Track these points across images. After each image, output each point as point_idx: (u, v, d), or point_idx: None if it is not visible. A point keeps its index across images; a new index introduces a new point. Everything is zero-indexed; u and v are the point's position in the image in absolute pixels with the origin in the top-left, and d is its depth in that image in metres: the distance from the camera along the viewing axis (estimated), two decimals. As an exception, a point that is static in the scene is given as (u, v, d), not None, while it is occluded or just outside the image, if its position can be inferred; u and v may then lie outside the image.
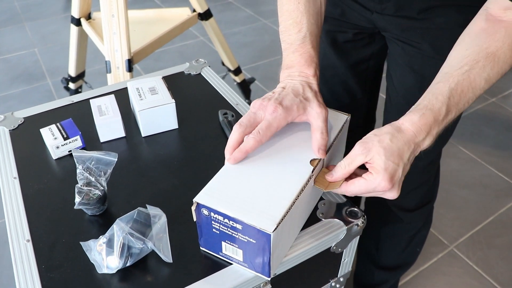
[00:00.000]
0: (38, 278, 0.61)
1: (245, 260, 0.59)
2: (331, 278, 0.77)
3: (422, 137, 0.58)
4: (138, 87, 0.86)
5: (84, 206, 0.67)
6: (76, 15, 1.58)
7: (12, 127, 0.87)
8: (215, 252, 0.62)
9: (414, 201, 1.01)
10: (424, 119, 0.58)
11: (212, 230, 0.58)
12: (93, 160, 0.69)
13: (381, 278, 1.18)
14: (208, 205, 0.55)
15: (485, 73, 0.59)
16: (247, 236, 0.55)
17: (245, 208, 0.55)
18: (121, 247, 0.60)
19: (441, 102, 0.59)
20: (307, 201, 0.63)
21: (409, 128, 0.58)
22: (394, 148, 0.57)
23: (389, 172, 0.56)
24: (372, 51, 0.95)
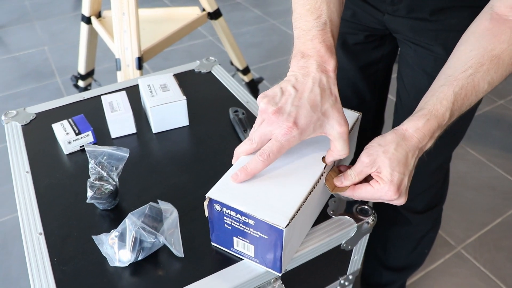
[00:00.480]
0: (51, 271, 0.62)
1: (257, 256, 0.59)
2: (340, 275, 0.77)
3: (426, 141, 0.59)
4: (150, 83, 0.86)
5: (96, 200, 0.68)
6: (87, 14, 1.60)
7: (24, 122, 0.88)
8: (226, 248, 0.62)
9: (422, 203, 1.01)
10: (429, 125, 0.58)
11: (224, 226, 0.59)
12: (105, 155, 0.69)
13: (389, 278, 1.18)
14: (221, 200, 0.56)
15: (489, 76, 0.59)
16: (259, 232, 0.55)
17: (257, 204, 0.55)
18: (133, 241, 0.60)
19: (445, 107, 0.58)
20: (318, 198, 0.63)
21: (413, 134, 0.58)
22: (399, 157, 0.57)
23: (395, 183, 0.56)
24: (382, 53, 0.95)
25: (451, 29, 0.76)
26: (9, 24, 2.82)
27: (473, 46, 0.60)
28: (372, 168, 0.58)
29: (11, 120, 0.89)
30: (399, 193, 0.57)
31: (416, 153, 0.58)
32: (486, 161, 1.83)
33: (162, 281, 0.60)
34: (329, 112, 0.57)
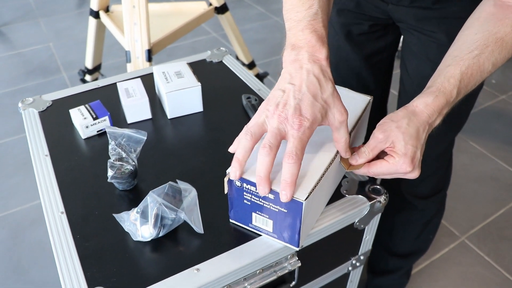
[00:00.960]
0: (74, 247, 0.64)
1: (275, 231, 0.61)
2: (352, 255, 0.79)
3: (435, 117, 0.61)
4: (164, 71, 0.88)
5: (116, 180, 0.70)
6: (95, 8, 1.62)
7: (41, 109, 0.90)
8: (244, 224, 0.64)
9: (428, 188, 1.03)
10: (437, 101, 0.60)
11: (243, 202, 0.61)
12: (125, 137, 0.71)
13: (395, 265, 1.20)
14: (242, 175, 0.58)
15: (493, 58, 0.62)
16: (279, 206, 0.57)
17: (277, 179, 0.57)
18: (155, 217, 0.62)
19: (453, 85, 0.61)
20: (333, 176, 0.65)
21: (423, 110, 0.61)
22: (412, 132, 0.59)
23: (409, 156, 0.59)
24: (385, 42, 0.97)
25: (454, 17, 0.79)
26: (14, 21, 2.84)
27: (478, 29, 0.63)
28: (386, 144, 0.60)
29: (28, 107, 0.91)
30: (413, 165, 0.59)
31: (426, 128, 0.61)
32: (488, 154, 1.85)
33: (182, 256, 0.62)
34: (330, 101, 0.57)
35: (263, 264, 0.63)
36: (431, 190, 1.04)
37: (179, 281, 0.58)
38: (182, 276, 0.59)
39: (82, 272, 0.60)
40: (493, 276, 1.39)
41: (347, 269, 0.81)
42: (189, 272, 0.60)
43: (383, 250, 1.18)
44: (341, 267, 0.79)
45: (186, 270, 0.60)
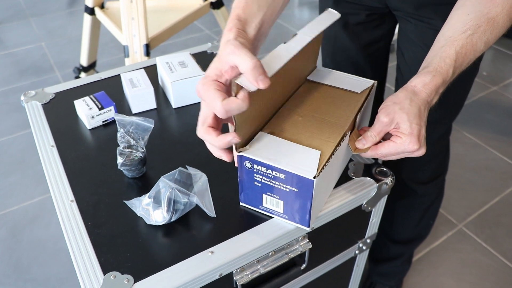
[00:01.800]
0: (86, 234, 0.64)
1: (286, 212, 0.62)
2: (359, 238, 0.80)
3: (432, 96, 0.63)
4: (168, 61, 0.89)
5: (125, 167, 0.70)
6: (90, 4, 1.61)
7: (44, 101, 0.90)
8: (255, 207, 0.65)
9: (427, 173, 1.05)
10: (435, 80, 0.62)
11: (254, 183, 0.61)
12: (133, 125, 0.72)
13: (396, 252, 1.21)
14: (252, 157, 0.58)
15: (485, 37, 0.64)
16: (290, 185, 0.58)
17: (287, 159, 0.58)
18: (168, 202, 0.63)
19: (448, 64, 0.63)
20: (342, 157, 0.66)
21: (422, 90, 0.62)
22: (414, 111, 0.61)
23: (415, 134, 0.60)
24: (382, 31, 0.98)
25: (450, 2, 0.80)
26: (4, 21, 2.81)
27: (470, 10, 0.65)
28: (391, 126, 0.61)
29: (30, 100, 0.90)
30: (419, 143, 0.60)
31: (426, 107, 0.63)
32: (482, 144, 1.88)
33: (195, 240, 0.62)
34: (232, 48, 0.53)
35: (275, 246, 0.64)
36: (430, 175, 1.05)
37: (194, 263, 0.59)
38: (197, 259, 0.60)
39: (96, 258, 0.60)
40: (491, 262, 1.41)
41: (354, 252, 0.82)
42: (203, 255, 0.60)
43: (385, 237, 1.19)
44: (348, 251, 0.80)
45: (200, 253, 0.60)
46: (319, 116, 0.66)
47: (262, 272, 0.64)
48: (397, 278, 1.30)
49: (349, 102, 0.69)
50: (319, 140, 0.61)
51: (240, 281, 0.63)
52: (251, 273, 0.64)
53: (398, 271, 1.27)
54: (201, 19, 2.74)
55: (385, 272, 1.28)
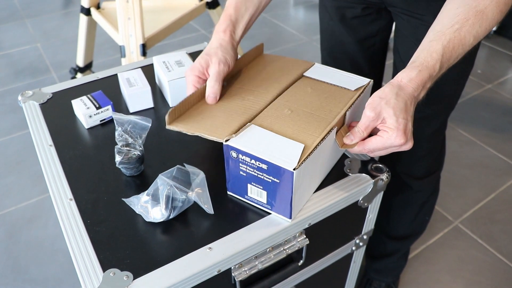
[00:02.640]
0: (85, 232, 0.64)
1: (269, 202, 0.63)
2: (356, 235, 0.81)
3: (419, 90, 0.63)
4: (165, 60, 0.89)
5: (123, 165, 0.71)
6: (86, 5, 1.62)
7: (41, 101, 0.90)
8: (241, 196, 0.66)
9: (422, 169, 1.06)
10: (421, 75, 0.62)
11: (240, 173, 0.63)
12: (131, 123, 0.72)
13: (393, 248, 1.22)
14: (237, 146, 0.60)
15: (474, 30, 0.64)
16: (272, 176, 0.59)
17: (270, 150, 0.59)
18: (166, 199, 0.63)
19: (435, 59, 0.63)
20: (328, 153, 0.67)
21: (408, 84, 0.62)
22: (401, 106, 0.61)
23: (401, 129, 0.60)
24: (379, 27, 0.99)
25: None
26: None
27: (459, 3, 0.65)
28: (378, 121, 0.62)
29: (28, 100, 0.91)
30: (406, 137, 0.61)
31: (413, 101, 0.63)
32: (477, 141, 1.89)
33: (194, 236, 0.63)
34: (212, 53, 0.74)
35: (273, 242, 0.65)
36: (425, 170, 1.06)
37: (193, 260, 0.60)
38: (195, 255, 0.60)
39: (95, 256, 0.61)
40: (486, 258, 1.42)
41: (351, 248, 0.83)
42: (201, 251, 0.61)
43: (381, 234, 1.20)
44: (345, 247, 0.81)
45: (199, 249, 0.61)
46: (308, 111, 0.67)
47: (260, 268, 0.65)
48: (393, 274, 1.31)
49: (341, 99, 0.70)
50: (305, 134, 0.62)
51: (239, 277, 0.64)
52: (249, 269, 0.65)
53: (395, 267, 1.28)
54: (197, 19, 2.75)
55: (382, 268, 1.29)
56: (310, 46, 2.57)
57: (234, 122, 0.65)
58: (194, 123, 0.65)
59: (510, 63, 2.42)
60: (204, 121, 0.66)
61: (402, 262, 1.28)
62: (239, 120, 0.65)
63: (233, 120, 0.65)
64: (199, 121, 0.66)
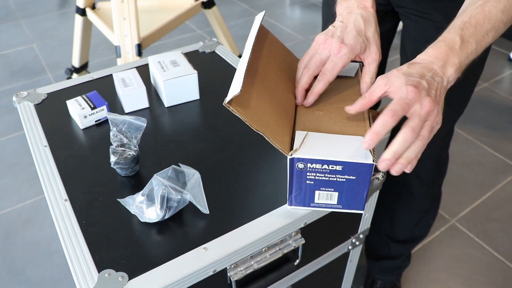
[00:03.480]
0: (80, 232, 0.64)
1: (340, 202, 0.63)
2: (352, 234, 0.81)
3: (440, 63, 0.58)
4: (160, 60, 0.89)
5: (118, 165, 0.70)
6: (81, 5, 1.61)
7: (36, 102, 0.90)
8: (305, 206, 0.65)
9: (428, 172, 1.04)
10: (437, 48, 0.58)
11: (306, 182, 0.61)
12: (126, 124, 0.72)
13: (396, 251, 1.21)
14: (306, 156, 0.59)
15: (501, 5, 0.59)
16: (347, 175, 0.59)
17: (339, 151, 0.59)
18: (161, 199, 0.63)
19: (453, 33, 0.59)
20: None
21: (424, 58, 0.59)
22: (412, 71, 0.57)
23: (411, 83, 0.55)
24: (382, 30, 0.97)
25: None
26: (-6, 23, 2.80)
27: None
28: (386, 86, 0.57)
29: (22, 100, 0.90)
30: (419, 91, 0.54)
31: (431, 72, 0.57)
32: (474, 140, 1.90)
33: (189, 236, 0.63)
34: (371, 39, 0.67)
35: (268, 241, 0.64)
36: (431, 174, 1.05)
37: (188, 260, 0.59)
38: (191, 256, 0.60)
39: (90, 256, 0.60)
40: (483, 256, 1.43)
41: (347, 248, 0.83)
42: (197, 251, 0.60)
43: (386, 238, 1.20)
44: (341, 246, 0.81)
45: (194, 249, 0.61)
46: (336, 105, 0.68)
47: (256, 268, 0.65)
48: (397, 273, 1.31)
49: (351, 88, 0.71)
50: (353, 127, 0.63)
51: (234, 277, 0.64)
52: (245, 269, 0.64)
53: (398, 267, 1.28)
54: (193, 19, 2.75)
55: (386, 268, 1.28)
56: (307, 46, 2.57)
57: (284, 127, 0.63)
58: (255, 116, 0.59)
59: (506, 61, 2.42)
60: (262, 115, 0.60)
61: (405, 262, 1.28)
62: (286, 123, 0.63)
63: (283, 124, 0.63)
64: (258, 114, 0.59)
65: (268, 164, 0.74)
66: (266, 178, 0.72)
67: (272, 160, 0.75)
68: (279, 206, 0.66)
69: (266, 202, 0.67)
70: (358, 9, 0.68)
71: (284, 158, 0.74)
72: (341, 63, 0.64)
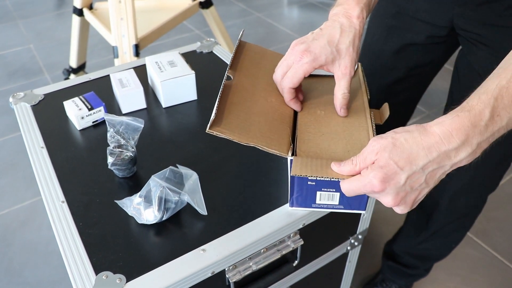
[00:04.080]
0: (78, 234, 0.63)
1: (341, 202, 0.63)
2: (351, 235, 0.80)
3: (454, 145, 0.46)
4: (157, 61, 0.88)
5: (116, 166, 0.70)
6: (79, 6, 1.60)
7: (33, 103, 0.89)
8: (307, 207, 0.65)
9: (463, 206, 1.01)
10: (458, 122, 0.46)
11: (308, 183, 0.61)
12: (123, 125, 0.72)
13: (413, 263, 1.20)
14: None
15: None
16: None
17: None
18: (159, 200, 0.63)
19: (484, 103, 0.46)
20: None
21: (435, 131, 0.47)
22: (405, 149, 0.47)
23: (384, 172, 0.47)
24: (433, 57, 0.91)
25: None
26: (-9, 24, 2.79)
27: None
28: (376, 155, 0.49)
29: (19, 101, 0.90)
30: (384, 185, 0.47)
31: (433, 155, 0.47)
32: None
33: (187, 238, 0.62)
34: (343, 51, 0.62)
35: (267, 242, 0.64)
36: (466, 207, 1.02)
37: (186, 261, 0.59)
38: (189, 257, 0.60)
39: (87, 259, 0.60)
40: (481, 256, 1.43)
41: (346, 248, 0.83)
42: (195, 252, 0.60)
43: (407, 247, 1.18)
44: (340, 247, 0.81)
45: (192, 251, 0.60)
46: None
47: (255, 269, 0.65)
48: (409, 280, 1.29)
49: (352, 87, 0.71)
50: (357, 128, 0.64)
51: (233, 279, 0.63)
52: (244, 271, 0.64)
53: (412, 275, 1.25)
54: (190, 19, 2.74)
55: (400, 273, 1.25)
56: (305, 46, 2.57)
57: (281, 132, 0.62)
58: (243, 131, 0.59)
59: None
60: (250, 128, 0.60)
61: (423, 273, 1.25)
62: (283, 128, 0.63)
63: (278, 129, 0.63)
64: (246, 128, 0.59)
65: (267, 165, 0.74)
66: (264, 179, 0.71)
67: (270, 160, 0.74)
68: (278, 207, 0.66)
69: (265, 203, 0.67)
70: (342, 18, 0.63)
71: (283, 159, 0.74)
72: (302, 71, 0.61)
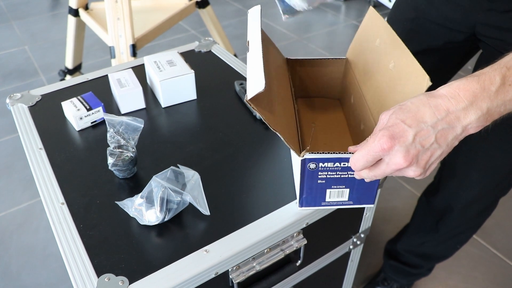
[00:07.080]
0: (78, 236, 0.63)
1: (351, 198, 0.63)
2: (353, 233, 0.80)
3: (462, 105, 0.44)
4: (156, 60, 0.88)
5: (116, 167, 0.69)
6: (74, 6, 1.59)
7: (30, 103, 0.88)
8: (316, 206, 0.64)
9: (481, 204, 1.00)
10: (465, 84, 0.45)
11: (317, 182, 0.61)
12: (123, 125, 0.71)
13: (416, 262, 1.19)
14: (316, 156, 0.58)
15: None
16: None
17: None
18: (161, 201, 0.62)
19: (494, 70, 0.45)
20: None
21: (443, 93, 0.46)
22: (411, 109, 0.45)
23: (391, 129, 0.45)
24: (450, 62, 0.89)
25: None
26: (-15, 25, 2.77)
27: None
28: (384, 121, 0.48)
29: (16, 103, 0.89)
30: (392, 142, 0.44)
31: (441, 114, 0.45)
32: (469, 137, 1.90)
33: (190, 238, 0.62)
34: None
35: (270, 242, 0.63)
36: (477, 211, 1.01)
37: (189, 263, 0.58)
38: (192, 258, 0.59)
39: (89, 261, 0.59)
40: (481, 253, 1.43)
41: (348, 247, 0.82)
42: (198, 253, 0.59)
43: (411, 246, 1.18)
44: (343, 246, 0.80)
45: (195, 252, 0.60)
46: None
47: (258, 269, 0.64)
48: (411, 279, 1.28)
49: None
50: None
51: (236, 279, 0.63)
52: (247, 271, 0.63)
53: (414, 274, 1.25)
54: (186, 20, 2.73)
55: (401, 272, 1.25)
56: (301, 45, 2.57)
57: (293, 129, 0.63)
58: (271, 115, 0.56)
59: (499, 58, 2.43)
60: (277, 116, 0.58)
61: (425, 272, 1.25)
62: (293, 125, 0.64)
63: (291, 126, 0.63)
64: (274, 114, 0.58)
65: (269, 164, 0.73)
66: (267, 178, 0.71)
67: (272, 159, 0.74)
68: (281, 206, 0.66)
69: (268, 203, 0.66)
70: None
71: (284, 158, 0.73)
72: None
